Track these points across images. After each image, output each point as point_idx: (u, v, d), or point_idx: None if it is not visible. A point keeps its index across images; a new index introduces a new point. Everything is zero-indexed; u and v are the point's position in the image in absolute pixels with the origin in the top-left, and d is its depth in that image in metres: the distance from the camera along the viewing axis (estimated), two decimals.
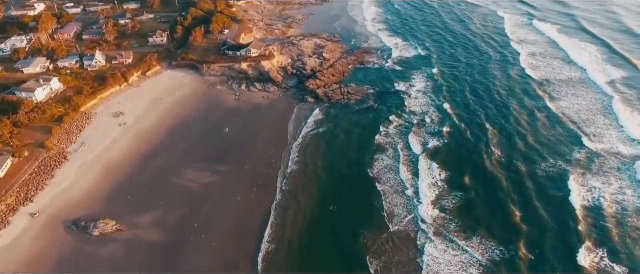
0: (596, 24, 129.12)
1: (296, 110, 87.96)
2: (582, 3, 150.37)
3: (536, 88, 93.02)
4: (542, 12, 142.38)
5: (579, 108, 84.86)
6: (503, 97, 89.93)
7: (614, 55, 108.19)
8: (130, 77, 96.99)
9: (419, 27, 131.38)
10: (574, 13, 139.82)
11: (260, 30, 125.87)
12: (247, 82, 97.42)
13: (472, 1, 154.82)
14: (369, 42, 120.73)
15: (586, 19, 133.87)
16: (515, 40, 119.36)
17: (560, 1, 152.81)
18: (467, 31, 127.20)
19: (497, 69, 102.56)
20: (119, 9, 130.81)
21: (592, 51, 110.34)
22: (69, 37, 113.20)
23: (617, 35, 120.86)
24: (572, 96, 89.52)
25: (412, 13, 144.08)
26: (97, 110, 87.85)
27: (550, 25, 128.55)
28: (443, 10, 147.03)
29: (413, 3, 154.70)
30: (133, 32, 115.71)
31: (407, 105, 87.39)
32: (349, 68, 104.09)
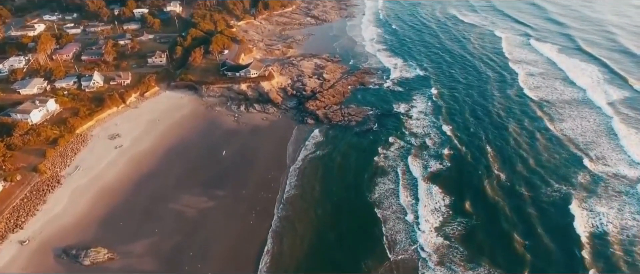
0: (594, 44, 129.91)
1: (296, 132, 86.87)
2: (578, 23, 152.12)
3: (536, 109, 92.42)
4: (540, 32, 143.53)
5: (580, 130, 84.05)
6: (503, 119, 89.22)
7: (613, 75, 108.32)
8: (128, 98, 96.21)
9: (418, 47, 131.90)
10: (571, 33, 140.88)
11: (260, 50, 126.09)
12: (247, 103, 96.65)
13: (469, 21, 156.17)
14: (369, 62, 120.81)
15: (584, 39, 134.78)
16: (513, 60, 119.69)
17: (557, 21, 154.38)
18: (465, 51, 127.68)
19: (496, 90, 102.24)
20: (119, 29, 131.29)
21: (591, 71, 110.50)
22: (68, 57, 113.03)
23: (615, 56, 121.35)
24: (572, 117, 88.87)
25: (410, 33, 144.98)
26: (94, 132, 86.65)
27: (548, 45, 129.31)
28: (441, 30, 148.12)
29: (411, 23, 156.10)
30: (132, 53, 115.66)
31: (408, 127, 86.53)
32: (350, 89, 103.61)
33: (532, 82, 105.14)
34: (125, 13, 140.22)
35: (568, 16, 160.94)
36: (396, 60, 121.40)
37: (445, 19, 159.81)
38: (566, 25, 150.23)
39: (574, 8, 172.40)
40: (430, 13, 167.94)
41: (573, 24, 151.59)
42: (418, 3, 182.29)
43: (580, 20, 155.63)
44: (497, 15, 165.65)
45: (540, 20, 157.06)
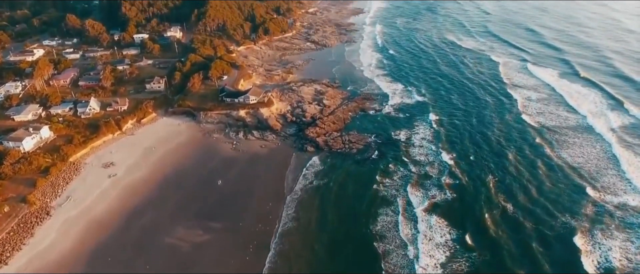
0: (592, 69, 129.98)
1: (295, 159, 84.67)
2: (575, 48, 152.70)
3: (536, 136, 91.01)
4: (536, 56, 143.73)
5: (582, 158, 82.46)
6: (503, 146, 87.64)
7: (612, 101, 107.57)
8: (124, 125, 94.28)
9: (416, 73, 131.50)
10: (568, 58, 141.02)
11: (260, 76, 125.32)
12: (245, 130, 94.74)
13: (466, 46, 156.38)
14: (369, 87, 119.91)
15: (581, 64, 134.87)
16: (511, 85, 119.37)
17: (553, 46, 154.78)
18: (463, 76, 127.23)
19: (495, 116, 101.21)
20: (118, 54, 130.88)
21: (590, 97, 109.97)
22: (65, 83, 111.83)
23: (614, 81, 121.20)
24: (573, 145, 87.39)
25: (408, 59, 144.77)
26: (87, 160, 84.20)
27: (545, 70, 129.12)
28: (438, 55, 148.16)
29: (408, 48, 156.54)
30: (131, 78, 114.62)
31: (408, 155, 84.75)
32: (350, 115, 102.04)
33: (531, 108, 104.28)
34: (125, 38, 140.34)
35: (564, 41, 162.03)
36: (395, 86, 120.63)
37: (443, 44, 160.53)
38: (563, 50, 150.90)
39: (570, 33, 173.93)
40: (427, 38, 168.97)
41: (569, 49, 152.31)
42: (415, 28, 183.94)
43: (576, 45, 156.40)
44: (493, 39, 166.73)
45: (537, 45, 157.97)
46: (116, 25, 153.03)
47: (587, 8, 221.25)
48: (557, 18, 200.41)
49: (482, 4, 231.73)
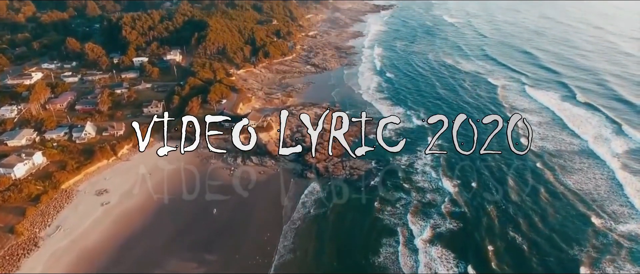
0: (590, 92, 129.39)
1: (294, 187, 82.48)
2: (572, 71, 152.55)
3: (537, 161, 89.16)
4: (534, 79, 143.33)
5: (586, 185, 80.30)
6: (504, 171, 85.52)
7: (613, 125, 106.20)
8: (120, 150, 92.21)
9: (415, 96, 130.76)
10: (566, 81, 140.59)
11: (259, 99, 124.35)
12: (243, 155, 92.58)
13: (463, 69, 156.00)
14: (369, 111, 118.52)
15: (580, 87, 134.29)
16: (510, 108, 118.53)
17: (551, 69, 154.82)
18: (462, 100, 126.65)
19: (495, 141, 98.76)
20: (117, 78, 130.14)
21: (591, 120, 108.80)
22: (62, 107, 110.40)
23: (614, 104, 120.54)
24: (576, 170, 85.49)
25: (406, 82, 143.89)
26: (80, 187, 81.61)
27: (543, 93, 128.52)
28: (436, 78, 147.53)
29: (406, 71, 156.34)
30: (128, 102, 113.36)
31: (409, 183, 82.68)
32: (351, 140, 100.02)
33: (532, 132, 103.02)
34: (125, 61, 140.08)
35: (562, 64, 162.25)
36: (395, 110, 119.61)
37: (441, 67, 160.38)
38: (561, 73, 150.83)
39: (567, 56, 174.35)
40: (425, 61, 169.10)
41: (568, 72, 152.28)
42: (413, 51, 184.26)
43: (574, 69, 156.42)
44: (491, 62, 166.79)
45: (535, 68, 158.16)
46: (116, 48, 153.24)
47: (583, 31, 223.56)
48: (553, 41, 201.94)
49: (479, 27, 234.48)
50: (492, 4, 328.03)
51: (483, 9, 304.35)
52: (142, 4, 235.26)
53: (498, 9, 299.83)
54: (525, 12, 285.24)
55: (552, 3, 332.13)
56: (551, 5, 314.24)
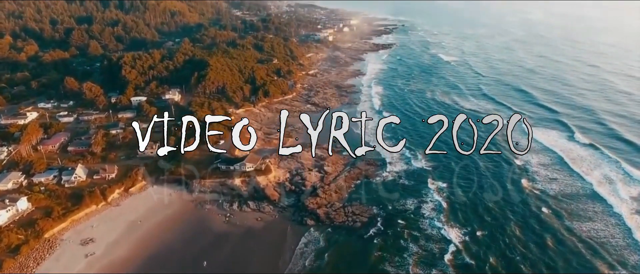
0: (592, 132, 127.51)
1: (293, 234, 77.69)
2: (570, 110, 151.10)
3: (541, 206, 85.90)
4: (533, 118, 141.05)
5: (594, 232, 76.93)
6: (508, 218, 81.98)
7: (616, 166, 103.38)
8: (110, 195, 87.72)
9: (414, 137, 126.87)
10: (565, 120, 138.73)
11: (259, 140, 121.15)
12: (240, 200, 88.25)
13: (461, 108, 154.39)
14: (375, 152, 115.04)
15: (580, 126, 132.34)
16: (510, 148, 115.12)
17: (549, 108, 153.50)
18: (460, 140, 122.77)
19: (496, 184, 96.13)
20: (113, 118, 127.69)
21: (593, 161, 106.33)
22: (54, 148, 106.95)
23: (616, 144, 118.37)
24: (582, 217, 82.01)
25: (405, 122, 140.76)
26: (65, 236, 76.40)
27: (543, 133, 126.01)
28: None
29: (404, 111, 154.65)
30: (123, 143, 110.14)
31: (412, 230, 78.58)
32: (353, 183, 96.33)
33: (534, 174, 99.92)
34: (122, 101, 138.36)
35: (559, 103, 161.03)
36: (396, 151, 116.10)
37: (439, 107, 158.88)
38: (559, 112, 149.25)
39: (563, 95, 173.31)
40: (423, 100, 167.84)
41: (565, 110, 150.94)
42: (411, 90, 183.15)
43: (572, 107, 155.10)
44: (488, 101, 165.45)
45: (532, 107, 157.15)
46: (115, 87, 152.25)
47: (579, 69, 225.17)
48: (549, 79, 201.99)
49: (475, 65, 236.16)
50: (486, 42, 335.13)
51: (478, 47, 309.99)
52: (143, 42, 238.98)
53: (492, 48, 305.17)
54: (520, 51, 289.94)
55: (546, 40, 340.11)
56: (544, 44, 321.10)
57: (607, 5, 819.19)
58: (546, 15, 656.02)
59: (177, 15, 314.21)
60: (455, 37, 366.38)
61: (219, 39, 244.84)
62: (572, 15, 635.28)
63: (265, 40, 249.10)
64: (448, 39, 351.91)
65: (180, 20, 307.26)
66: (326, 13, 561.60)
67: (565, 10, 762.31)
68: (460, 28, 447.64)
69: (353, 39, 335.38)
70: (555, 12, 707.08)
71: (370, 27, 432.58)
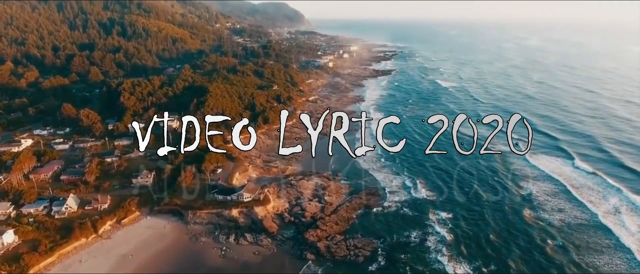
0: (593, 160, 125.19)
1: (293, 270, 73.44)
2: (569, 136, 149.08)
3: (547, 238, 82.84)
4: (533, 146, 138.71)
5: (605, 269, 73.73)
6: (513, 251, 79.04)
7: (621, 196, 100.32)
8: (101, 226, 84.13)
9: (414, 166, 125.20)
10: (565, 147, 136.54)
11: (257, 168, 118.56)
12: (237, 232, 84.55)
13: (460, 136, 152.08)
14: (376, 181, 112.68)
15: (580, 154, 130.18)
16: (511, 176, 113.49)
17: (547, 134, 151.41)
18: (460, 168, 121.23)
19: (499, 214, 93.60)
20: (109, 145, 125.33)
21: (597, 191, 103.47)
22: (46, 177, 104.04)
23: (619, 173, 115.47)
24: (589, 250, 78.93)
25: (404, 150, 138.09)
26: (51, 271, 72.37)
27: (544, 160, 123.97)
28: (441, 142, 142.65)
29: (412, 138, 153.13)
30: (118, 171, 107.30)
31: (420, 265, 74.95)
32: (354, 214, 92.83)
33: (538, 204, 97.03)
34: (119, 128, 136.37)
35: (558, 130, 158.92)
36: (396, 180, 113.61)
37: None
38: (558, 138, 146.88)
39: (561, 121, 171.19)
40: (421, 127, 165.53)
41: (565, 137, 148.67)
42: (409, 117, 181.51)
43: (571, 134, 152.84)
44: (487, 128, 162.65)
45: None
46: (114, 114, 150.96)
47: (578, 95, 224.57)
48: (547, 105, 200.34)
49: (472, 92, 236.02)
50: (484, 68, 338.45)
51: (476, 73, 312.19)
52: (144, 69, 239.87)
53: (490, 74, 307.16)
54: (517, 77, 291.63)
55: (543, 66, 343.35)
56: (542, 70, 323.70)
57: (601, 32, 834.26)
58: (542, 41, 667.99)
59: (179, 42, 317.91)
60: (453, 63, 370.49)
61: (220, 65, 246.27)
62: (567, 42, 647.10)
63: (265, 66, 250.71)
64: (446, 65, 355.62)
65: (181, 47, 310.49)
66: (326, 40, 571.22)
67: (561, 36, 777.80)
68: (458, 54, 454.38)
69: (353, 65, 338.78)
70: (551, 39, 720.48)
71: (370, 54, 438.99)
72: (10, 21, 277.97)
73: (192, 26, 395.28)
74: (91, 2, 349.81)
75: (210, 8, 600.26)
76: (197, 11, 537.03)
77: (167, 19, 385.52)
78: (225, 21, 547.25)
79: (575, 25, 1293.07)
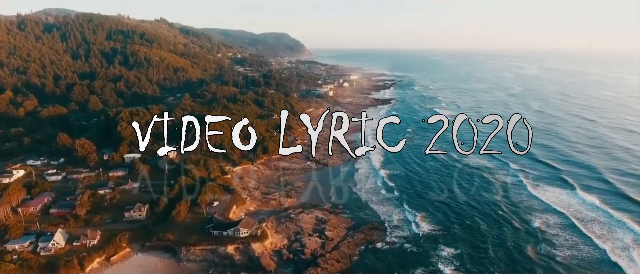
0: (597, 191, 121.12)
1: None
2: (570, 166, 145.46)
3: None
4: (535, 176, 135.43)
5: None
6: None
7: (630, 232, 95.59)
8: (88, 265, 79.31)
9: (415, 200, 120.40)
10: (567, 178, 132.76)
11: (255, 200, 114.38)
12: (233, 271, 79.66)
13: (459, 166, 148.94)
14: (377, 214, 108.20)
15: (584, 185, 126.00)
16: (513, 208, 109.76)
17: (548, 164, 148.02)
18: (463, 201, 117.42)
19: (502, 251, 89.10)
20: (103, 176, 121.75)
21: (604, 224, 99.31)
22: (35, 210, 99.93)
23: (624, 205, 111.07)
24: None
25: (405, 183, 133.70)
26: None
27: (548, 192, 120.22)
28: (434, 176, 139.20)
29: (403, 167, 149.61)
30: (110, 204, 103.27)
31: None
32: (357, 250, 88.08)
33: (544, 238, 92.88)
34: (115, 158, 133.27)
35: (560, 160, 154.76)
36: (399, 214, 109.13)
37: (435, 163, 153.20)
38: (560, 169, 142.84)
39: (561, 151, 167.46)
40: (420, 157, 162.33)
41: (567, 168, 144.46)
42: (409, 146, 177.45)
43: (572, 164, 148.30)
44: (489, 160, 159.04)
45: (532, 163, 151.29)
46: (110, 144, 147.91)
47: (577, 124, 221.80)
48: (547, 134, 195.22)
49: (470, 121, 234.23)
50: (482, 97, 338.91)
51: (474, 102, 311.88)
52: (144, 98, 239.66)
53: (489, 103, 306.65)
54: (514, 106, 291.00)
55: (541, 94, 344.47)
56: (540, 98, 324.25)
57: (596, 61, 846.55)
58: (540, 70, 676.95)
59: (180, 71, 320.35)
60: (451, 92, 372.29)
61: (220, 94, 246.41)
62: (564, 70, 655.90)
63: (266, 95, 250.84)
64: (445, 94, 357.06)
65: (182, 76, 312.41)
66: (326, 69, 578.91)
67: (557, 65, 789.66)
68: (456, 83, 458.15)
69: (353, 94, 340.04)
70: (548, 67, 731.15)
71: (370, 83, 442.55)
72: (13, 51, 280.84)
73: (193, 55, 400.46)
74: (94, 33, 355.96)
75: (212, 38, 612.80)
76: (200, 41, 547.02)
77: (169, 48, 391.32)
78: (227, 51, 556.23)
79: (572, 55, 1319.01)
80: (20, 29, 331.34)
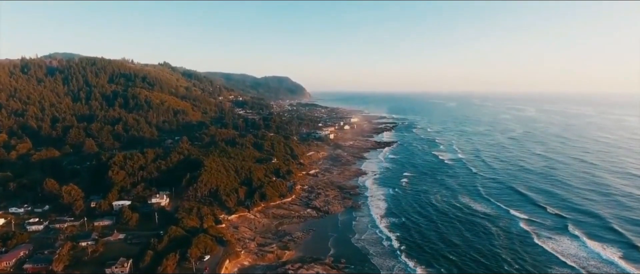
0: (608, 242, 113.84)
1: None
2: (578, 215, 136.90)
3: None
4: (542, 226, 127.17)
5: None
6: None
7: None
8: None
9: (420, 247, 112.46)
10: (574, 229, 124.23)
11: (250, 253, 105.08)
12: None
13: (460, 214, 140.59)
14: (383, 269, 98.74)
15: (593, 235, 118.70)
16: (521, 262, 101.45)
17: (553, 213, 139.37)
18: (459, 247, 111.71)
19: None
20: (88, 226, 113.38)
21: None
22: (8, 265, 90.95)
23: (636, 256, 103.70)
24: None
25: (413, 231, 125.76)
26: None
27: (555, 243, 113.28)
28: (442, 224, 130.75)
29: (412, 212, 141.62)
30: (91, 258, 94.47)
31: None
32: None
33: None
34: (102, 206, 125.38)
35: (565, 207, 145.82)
36: (413, 264, 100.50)
37: (436, 211, 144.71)
38: (567, 217, 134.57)
39: (563, 197, 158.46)
40: (420, 204, 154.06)
41: (574, 216, 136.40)
42: (414, 192, 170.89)
43: (581, 213, 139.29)
44: (487, 205, 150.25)
45: (538, 210, 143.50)
46: (100, 190, 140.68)
47: (579, 169, 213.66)
48: (548, 180, 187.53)
49: (470, 165, 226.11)
50: (483, 140, 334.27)
51: (475, 145, 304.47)
52: (141, 140, 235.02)
53: (487, 146, 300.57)
54: (512, 149, 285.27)
55: (541, 137, 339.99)
56: (540, 141, 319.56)
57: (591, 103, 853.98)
58: (538, 112, 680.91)
59: (180, 113, 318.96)
60: (451, 135, 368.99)
61: (219, 138, 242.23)
62: (561, 112, 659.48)
63: (265, 138, 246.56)
64: (445, 137, 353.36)
65: (182, 118, 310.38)
66: (327, 111, 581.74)
67: (555, 107, 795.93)
68: (456, 126, 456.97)
69: (354, 137, 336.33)
70: (546, 110, 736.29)
71: (371, 125, 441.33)
72: (13, 93, 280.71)
73: (194, 98, 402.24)
74: (97, 76, 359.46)
75: (214, 81, 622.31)
76: (202, 84, 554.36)
77: (170, 91, 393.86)
78: (228, 94, 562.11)
79: (569, 98, 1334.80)
80: (23, 72, 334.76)
